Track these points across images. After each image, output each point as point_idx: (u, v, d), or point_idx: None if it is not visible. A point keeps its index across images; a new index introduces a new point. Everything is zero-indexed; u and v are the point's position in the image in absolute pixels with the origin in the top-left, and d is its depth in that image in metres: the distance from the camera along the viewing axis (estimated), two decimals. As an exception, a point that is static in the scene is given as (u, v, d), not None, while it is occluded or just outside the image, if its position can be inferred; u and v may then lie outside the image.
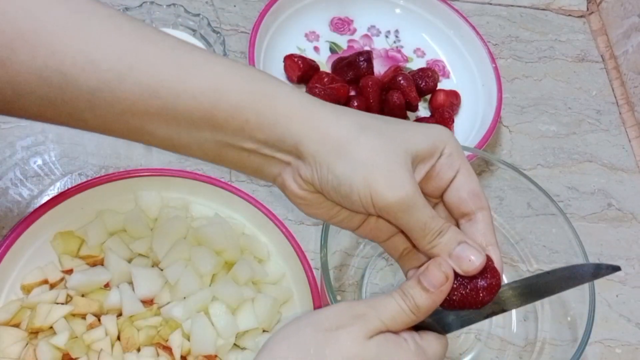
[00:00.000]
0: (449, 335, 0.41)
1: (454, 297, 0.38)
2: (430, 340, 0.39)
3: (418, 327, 0.39)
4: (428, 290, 0.38)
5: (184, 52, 0.39)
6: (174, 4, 0.70)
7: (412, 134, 0.40)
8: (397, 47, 0.82)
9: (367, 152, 0.38)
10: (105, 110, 0.38)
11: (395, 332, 0.38)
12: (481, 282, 0.38)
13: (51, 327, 0.53)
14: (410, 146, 0.39)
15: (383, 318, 0.37)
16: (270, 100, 0.39)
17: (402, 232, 0.41)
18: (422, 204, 0.38)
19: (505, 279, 0.66)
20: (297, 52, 0.77)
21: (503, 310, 0.41)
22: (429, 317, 0.39)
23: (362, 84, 0.73)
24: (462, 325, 0.40)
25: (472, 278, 0.38)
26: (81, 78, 0.37)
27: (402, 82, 0.72)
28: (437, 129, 0.41)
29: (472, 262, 0.38)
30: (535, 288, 0.40)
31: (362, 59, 0.74)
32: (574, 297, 0.61)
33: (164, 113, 0.38)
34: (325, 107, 0.40)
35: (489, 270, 0.39)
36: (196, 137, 0.39)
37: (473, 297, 0.38)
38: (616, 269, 0.40)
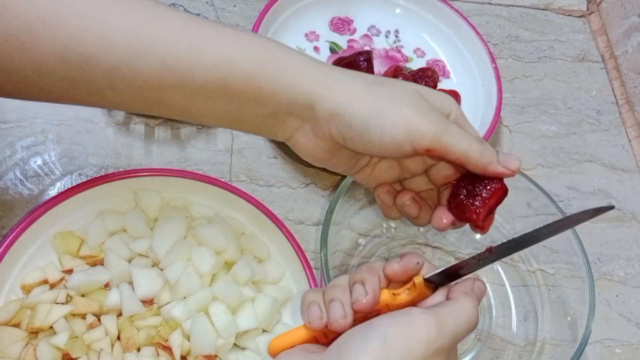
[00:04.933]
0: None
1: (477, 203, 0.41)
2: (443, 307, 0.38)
3: None
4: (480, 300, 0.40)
5: (196, 27, 0.40)
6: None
7: (422, 88, 0.42)
8: (397, 47, 0.82)
9: (388, 94, 0.40)
10: (125, 87, 0.39)
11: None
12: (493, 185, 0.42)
13: (51, 327, 0.53)
14: (423, 93, 0.41)
15: (455, 345, 0.38)
16: (282, 65, 0.40)
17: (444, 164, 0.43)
18: (451, 122, 0.41)
19: (505, 280, 0.66)
20: (297, 52, 0.77)
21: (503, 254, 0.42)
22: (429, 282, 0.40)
23: (362, 84, 0.73)
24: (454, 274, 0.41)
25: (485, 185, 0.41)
26: (100, 58, 0.38)
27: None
28: (443, 95, 0.43)
29: (516, 160, 0.41)
30: (533, 235, 0.41)
31: (362, 58, 0.74)
32: (574, 297, 0.61)
33: (181, 87, 0.40)
34: (337, 69, 0.42)
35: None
36: (212, 107, 0.41)
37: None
38: (610, 208, 0.40)
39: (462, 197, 0.42)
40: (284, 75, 0.40)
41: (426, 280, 0.40)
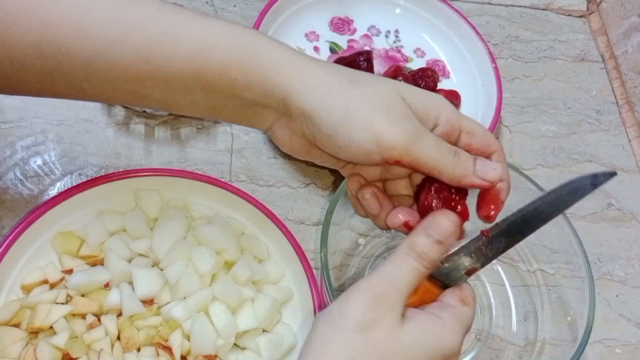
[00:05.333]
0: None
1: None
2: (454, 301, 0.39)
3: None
4: (441, 242, 0.38)
5: (172, 13, 0.40)
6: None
7: (404, 87, 0.40)
8: (397, 47, 0.82)
9: (361, 97, 0.38)
10: (101, 78, 0.39)
11: (417, 306, 0.38)
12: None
13: (51, 327, 0.53)
14: (403, 93, 0.39)
15: (403, 289, 0.37)
16: (257, 55, 0.39)
17: (413, 173, 0.42)
18: (427, 131, 0.39)
19: (505, 280, 0.66)
20: (297, 52, 0.77)
21: (514, 242, 0.41)
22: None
23: (362, 84, 0.73)
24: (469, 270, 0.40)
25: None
26: (75, 48, 0.38)
27: (402, 82, 0.72)
28: (430, 96, 0.41)
29: (497, 169, 0.40)
30: (540, 211, 0.40)
31: (362, 58, 0.74)
32: (574, 297, 0.61)
33: (156, 78, 0.39)
34: (314, 62, 0.40)
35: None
36: (189, 99, 0.40)
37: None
38: (612, 174, 0.40)
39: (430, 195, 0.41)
40: (258, 67, 0.39)
41: (432, 279, 0.40)
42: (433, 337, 0.37)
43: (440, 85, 0.77)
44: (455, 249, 0.40)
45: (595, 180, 0.40)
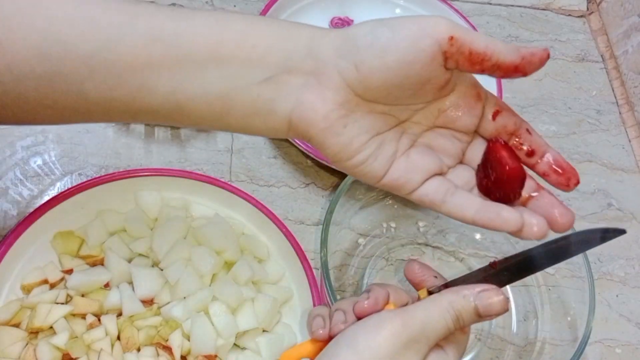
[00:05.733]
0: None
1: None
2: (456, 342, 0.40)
3: None
4: (481, 316, 0.39)
5: (177, 6, 0.39)
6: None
7: None
8: (397, 47, 0.82)
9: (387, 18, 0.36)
10: (106, 74, 0.36)
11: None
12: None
13: (51, 327, 0.53)
14: None
15: (432, 340, 0.38)
16: (273, 20, 0.38)
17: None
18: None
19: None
20: (297, 52, 0.77)
21: (517, 278, 0.41)
22: None
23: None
24: None
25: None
26: (81, 42, 0.36)
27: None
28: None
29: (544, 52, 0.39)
30: (549, 255, 0.41)
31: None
32: (574, 297, 0.61)
33: (167, 58, 0.36)
34: None
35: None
36: (201, 83, 0.37)
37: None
38: (622, 232, 0.40)
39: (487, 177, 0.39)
40: (276, 28, 0.37)
41: (430, 293, 0.40)
42: None
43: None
44: (464, 275, 0.40)
45: (605, 235, 0.40)
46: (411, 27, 0.34)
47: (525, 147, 0.39)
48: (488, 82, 0.75)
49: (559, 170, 0.38)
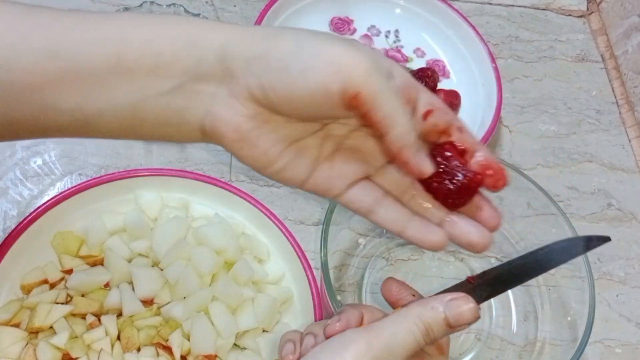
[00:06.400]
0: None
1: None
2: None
3: None
4: (453, 327, 0.37)
5: (78, 12, 0.35)
6: (174, 4, 0.70)
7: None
8: (397, 47, 0.82)
9: (310, 33, 0.33)
10: (3, 96, 0.34)
11: None
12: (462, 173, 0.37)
13: (51, 327, 0.53)
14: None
15: (400, 358, 0.36)
16: (184, 22, 0.34)
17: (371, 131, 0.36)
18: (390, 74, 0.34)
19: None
20: (297, 52, 0.77)
21: (497, 292, 0.40)
22: None
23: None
24: None
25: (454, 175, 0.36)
26: None
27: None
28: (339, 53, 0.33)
29: (428, 166, 0.35)
30: (529, 266, 0.40)
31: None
32: (574, 297, 0.61)
33: (66, 74, 0.34)
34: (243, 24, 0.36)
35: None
36: (107, 97, 0.34)
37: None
38: (606, 239, 0.39)
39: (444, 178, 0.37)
40: (185, 32, 0.34)
41: None
42: None
43: (440, 85, 0.77)
44: (440, 291, 0.39)
45: (589, 244, 0.40)
46: (325, 66, 0.32)
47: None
48: (488, 82, 0.76)
49: (490, 172, 0.37)
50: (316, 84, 0.32)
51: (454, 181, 0.36)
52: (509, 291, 0.65)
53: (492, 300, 0.64)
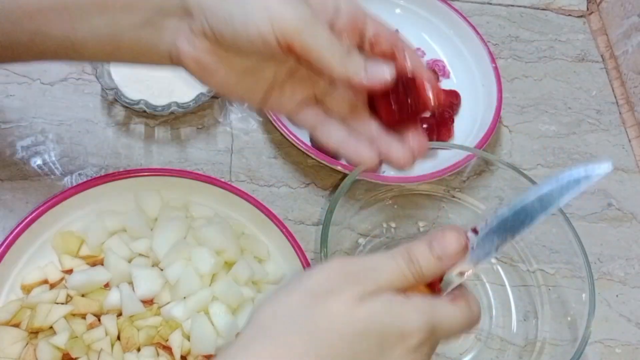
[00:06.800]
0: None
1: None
2: (444, 303, 0.36)
3: None
4: (440, 258, 0.35)
5: None
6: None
7: None
8: (397, 47, 0.82)
9: None
10: (7, 20, 0.41)
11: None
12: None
13: (51, 327, 0.53)
14: None
15: (380, 281, 0.34)
16: None
17: (311, 71, 0.41)
18: (323, 23, 0.38)
19: (505, 280, 0.66)
20: (297, 52, 0.77)
21: (505, 239, 0.37)
22: None
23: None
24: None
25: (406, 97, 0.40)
26: None
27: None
28: None
29: (386, 70, 0.39)
30: (532, 206, 0.37)
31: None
32: (574, 297, 0.61)
33: (56, 4, 0.40)
34: None
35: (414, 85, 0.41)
36: (90, 27, 0.41)
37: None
38: (607, 165, 0.36)
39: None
40: None
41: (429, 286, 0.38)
42: (389, 316, 0.33)
43: (440, 85, 0.77)
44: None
45: (589, 171, 0.36)
46: (263, 19, 0.36)
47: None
48: (488, 82, 0.76)
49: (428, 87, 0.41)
50: (255, 36, 0.37)
51: (399, 101, 0.40)
52: (509, 291, 0.65)
53: (492, 300, 0.64)
